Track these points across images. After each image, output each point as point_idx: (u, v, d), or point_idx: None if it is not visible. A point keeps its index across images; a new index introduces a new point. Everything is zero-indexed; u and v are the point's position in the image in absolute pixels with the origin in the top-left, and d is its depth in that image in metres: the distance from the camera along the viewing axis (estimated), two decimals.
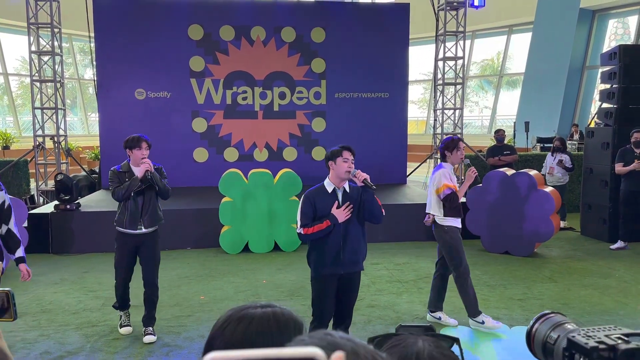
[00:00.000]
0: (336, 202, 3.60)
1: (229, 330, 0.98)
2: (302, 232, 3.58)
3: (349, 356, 0.64)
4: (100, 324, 4.84)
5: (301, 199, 3.68)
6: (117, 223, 4.49)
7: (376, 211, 3.63)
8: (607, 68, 8.35)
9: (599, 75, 11.80)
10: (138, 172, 4.39)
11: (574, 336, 0.78)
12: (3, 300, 1.58)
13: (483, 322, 4.68)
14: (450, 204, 4.58)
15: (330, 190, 3.63)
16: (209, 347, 0.99)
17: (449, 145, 4.65)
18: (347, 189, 3.66)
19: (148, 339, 4.42)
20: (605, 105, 8.46)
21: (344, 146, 3.62)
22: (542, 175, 8.61)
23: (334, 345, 0.66)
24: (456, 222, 4.67)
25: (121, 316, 4.69)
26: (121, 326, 4.63)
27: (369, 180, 3.51)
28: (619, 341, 0.74)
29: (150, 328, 4.50)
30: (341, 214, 3.54)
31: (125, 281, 4.59)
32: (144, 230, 4.44)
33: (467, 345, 4.49)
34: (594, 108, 15.49)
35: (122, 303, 4.65)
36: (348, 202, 3.59)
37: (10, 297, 1.57)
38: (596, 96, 15.49)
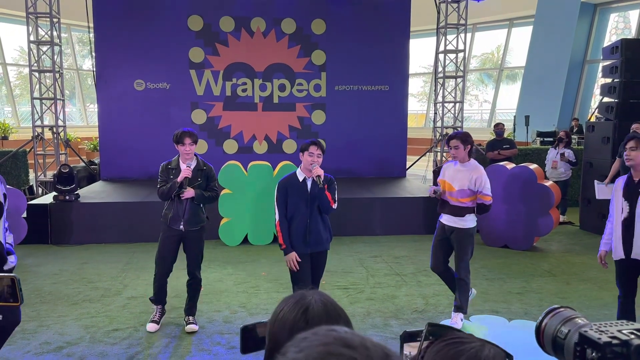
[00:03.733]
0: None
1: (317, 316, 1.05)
2: (276, 223, 4.06)
3: (360, 349, 0.63)
4: (99, 315, 4.84)
5: (276, 187, 4.07)
6: (163, 217, 4.50)
7: (323, 204, 3.97)
8: (608, 62, 8.33)
9: (599, 69, 11.77)
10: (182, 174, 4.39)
11: (586, 331, 0.77)
12: (6, 287, 1.67)
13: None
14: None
15: (301, 179, 4.01)
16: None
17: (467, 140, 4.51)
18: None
19: (189, 328, 4.47)
20: (606, 99, 8.45)
21: (314, 141, 3.98)
22: (545, 170, 8.60)
23: (342, 341, 0.64)
24: (440, 217, 4.64)
25: (154, 310, 4.61)
26: (150, 321, 4.54)
27: (320, 179, 3.85)
28: (632, 336, 0.73)
29: (191, 317, 4.56)
30: (292, 262, 4.02)
31: (163, 274, 4.53)
32: (184, 229, 4.45)
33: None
34: (594, 102, 15.48)
35: (158, 297, 4.58)
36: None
37: (17, 282, 1.68)
38: (596, 90, 15.47)
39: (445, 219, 4.53)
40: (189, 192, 4.40)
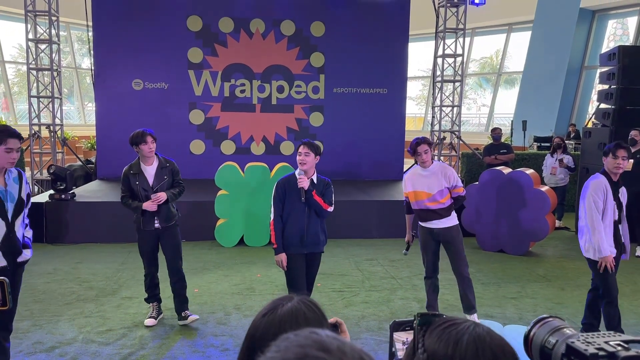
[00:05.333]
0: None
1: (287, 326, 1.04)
2: (271, 222, 4.08)
3: (336, 353, 0.64)
4: (93, 315, 4.83)
5: (274, 186, 4.12)
6: (135, 222, 4.57)
7: (316, 208, 4.05)
8: (606, 68, 8.35)
9: (597, 76, 11.81)
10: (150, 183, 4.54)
11: (573, 342, 0.77)
12: None
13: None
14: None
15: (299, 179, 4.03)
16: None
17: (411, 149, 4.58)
18: (315, 180, 4.07)
19: (190, 319, 4.54)
20: (603, 105, 8.46)
21: (304, 141, 4.09)
22: (542, 176, 8.60)
23: (320, 344, 0.65)
24: (422, 223, 4.62)
25: (150, 308, 4.74)
26: (148, 317, 4.66)
27: (303, 191, 3.96)
28: (619, 348, 0.73)
29: (187, 311, 4.60)
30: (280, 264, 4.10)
31: (150, 271, 4.64)
32: (159, 226, 4.52)
33: None
34: (591, 108, 15.51)
35: (149, 294, 4.71)
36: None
37: (6, 285, 1.66)
38: (594, 96, 15.50)
39: (433, 224, 4.51)
40: (161, 196, 4.44)
